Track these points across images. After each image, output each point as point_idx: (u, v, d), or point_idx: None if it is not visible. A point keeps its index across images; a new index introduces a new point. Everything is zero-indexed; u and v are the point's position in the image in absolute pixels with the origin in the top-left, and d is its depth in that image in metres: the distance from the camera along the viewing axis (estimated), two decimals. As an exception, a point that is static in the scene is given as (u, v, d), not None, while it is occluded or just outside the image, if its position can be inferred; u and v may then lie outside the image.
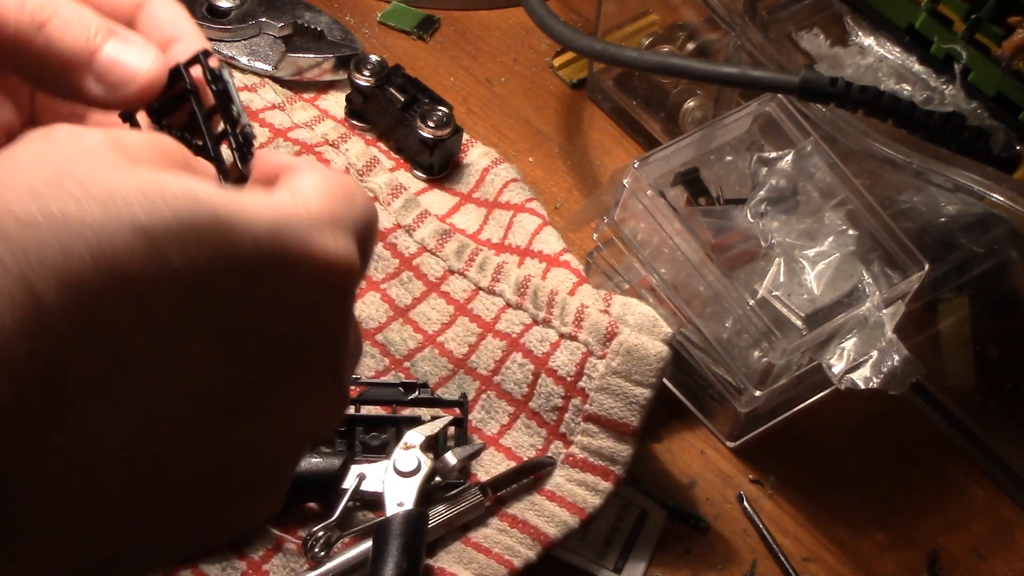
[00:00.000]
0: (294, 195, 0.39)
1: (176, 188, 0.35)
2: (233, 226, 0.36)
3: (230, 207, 0.36)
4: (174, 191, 0.35)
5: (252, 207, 0.37)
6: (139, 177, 0.35)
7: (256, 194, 0.38)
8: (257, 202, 0.37)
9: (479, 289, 0.73)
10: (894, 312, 0.68)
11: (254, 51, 0.83)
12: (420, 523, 0.64)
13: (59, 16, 0.43)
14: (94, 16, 0.44)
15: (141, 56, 0.44)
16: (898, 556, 0.71)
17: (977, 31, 0.65)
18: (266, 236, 0.37)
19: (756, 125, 0.73)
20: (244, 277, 0.37)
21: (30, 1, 0.43)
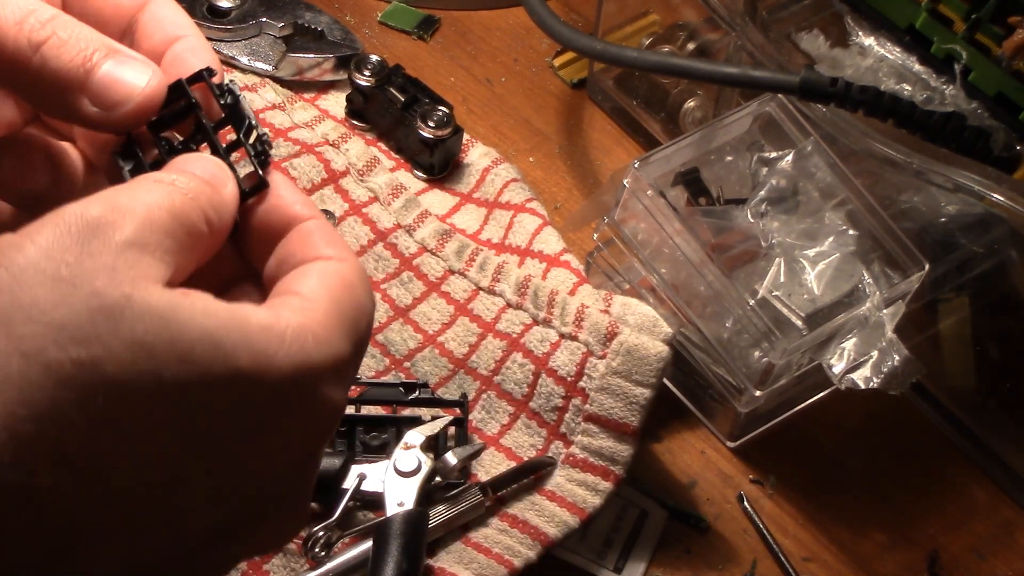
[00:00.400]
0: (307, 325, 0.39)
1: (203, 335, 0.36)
2: (248, 381, 0.36)
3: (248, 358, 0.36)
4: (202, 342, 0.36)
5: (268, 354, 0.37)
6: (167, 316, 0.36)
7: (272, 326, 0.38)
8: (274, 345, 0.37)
9: (479, 289, 0.73)
10: (894, 312, 0.68)
11: (254, 51, 0.83)
12: (420, 523, 0.64)
13: (56, 36, 0.43)
14: (92, 35, 0.44)
15: (137, 75, 0.44)
16: (898, 556, 0.71)
17: (977, 31, 0.65)
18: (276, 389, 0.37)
19: (756, 125, 0.73)
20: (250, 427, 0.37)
21: (28, 20, 0.43)
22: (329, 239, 0.43)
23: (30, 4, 0.43)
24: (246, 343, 0.37)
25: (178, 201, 0.40)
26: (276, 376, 0.37)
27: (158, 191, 0.40)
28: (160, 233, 0.38)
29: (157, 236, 0.38)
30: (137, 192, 0.39)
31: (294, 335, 0.38)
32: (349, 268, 0.42)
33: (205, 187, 0.42)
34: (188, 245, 0.40)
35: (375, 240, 0.76)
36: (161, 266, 0.38)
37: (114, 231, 0.37)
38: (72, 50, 0.43)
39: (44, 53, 0.43)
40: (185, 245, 0.39)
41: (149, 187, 0.40)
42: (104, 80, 0.43)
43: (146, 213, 0.38)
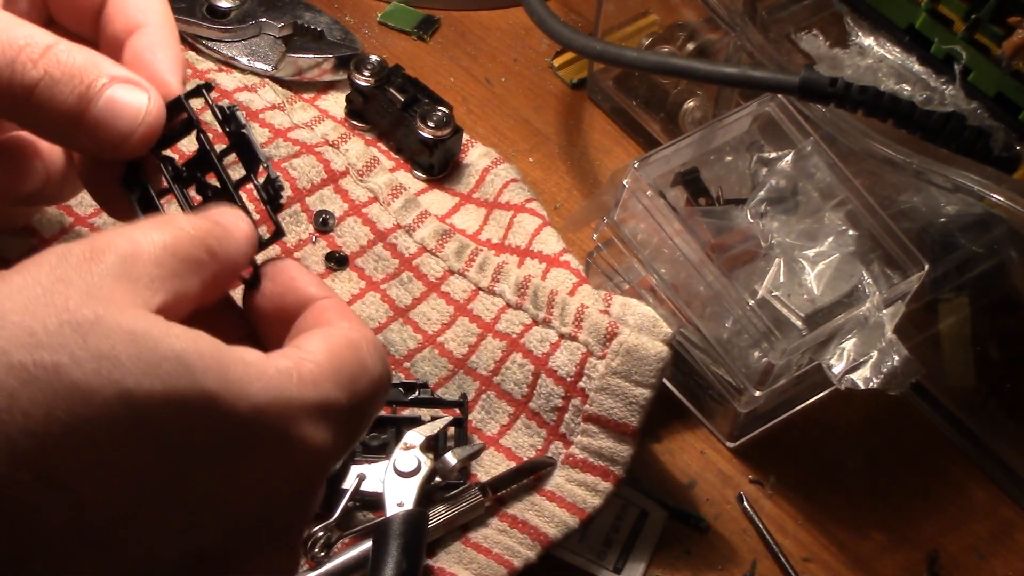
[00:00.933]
0: (294, 369, 0.38)
1: (170, 354, 0.35)
2: (217, 403, 0.36)
3: (219, 383, 0.36)
4: (167, 358, 0.35)
5: (243, 383, 0.37)
6: (138, 334, 0.35)
7: (254, 363, 0.37)
8: (250, 376, 0.37)
9: (479, 289, 0.73)
10: (894, 312, 0.68)
11: (254, 51, 0.83)
12: (420, 523, 0.64)
13: (48, 76, 0.42)
14: (87, 64, 0.43)
15: (135, 106, 0.43)
16: (898, 556, 0.71)
17: (977, 31, 0.65)
18: (248, 417, 0.37)
19: (756, 125, 0.73)
20: (220, 454, 0.37)
21: (19, 59, 0.42)
22: (343, 313, 0.43)
23: (23, 37, 0.42)
24: (219, 369, 0.36)
25: (172, 234, 0.40)
26: (247, 405, 0.36)
27: (153, 227, 0.40)
28: (146, 263, 0.38)
29: (142, 266, 0.38)
30: (130, 231, 0.39)
31: (276, 373, 0.38)
32: (358, 332, 0.42)
33: (208, 222, 0.41)
34: (182, 272, 0.39)
35: (375, 240, 0.76)
36: (146, 293, 0.37)
37: (93, 264, 0.37)
38: (66, 89, 0.42)
39: (38, 96, 0.42)
40: (179, 272, 0.39)
41: (145, 225, 0.40)
42: (101, 116, 0.43)
43: (129, 247, 0.38)
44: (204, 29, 0.83)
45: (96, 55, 0.44)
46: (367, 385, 0.41)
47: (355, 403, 0.40)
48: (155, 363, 0.35)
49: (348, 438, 0.41)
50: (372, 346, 0.42)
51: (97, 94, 0.43)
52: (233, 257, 0.42)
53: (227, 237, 0.42)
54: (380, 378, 0.42)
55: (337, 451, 0.40)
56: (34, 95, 0.42)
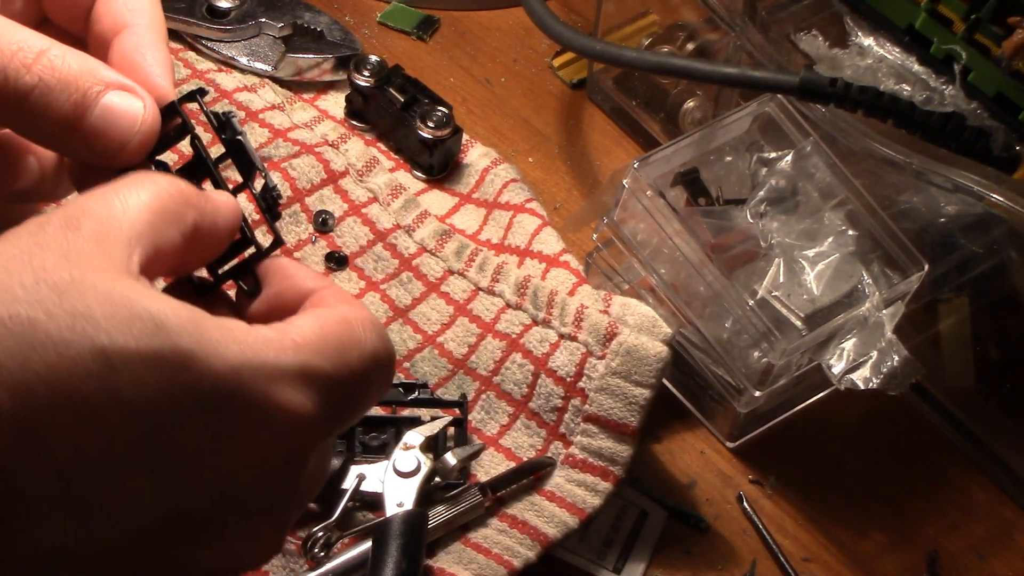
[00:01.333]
0: (276, 338, 0.38)
1: (145, 312, 0.36)
2: (192, 363, 0.36)
3: (193, 341, 0.36)
4: (141, 316, 0.35)
5: (218, 344, 0.36)
6: (113, 293, 0.36)
7: (233, 328, 0.37)
8: (227, 339, 0.37)
9: (479, 289, 0.73)
10: (894, 312, 0.68)
11: (254, 51, 0.83)
12: (420, 523, 0.64)
13: (42, 83, 0.42)
14: (82, 70, 0.43)
15: (130, 114, 0.43)
16: (898, 556, 0.71)
17: (977, 31, 0.65)
18: (224, 378, 0.36)
19: (756, 125, 0.73)
20: (196, 414, 0.36)
21: (12, 64, 0.42)
22: (342, 297, 0.42)
23: (16, 41, 0.42)
24: (195, 330, 0.36)
25: (150, 191, 0.40)
26: (223, 364, 0.36)
27: (129, 187, 0.40)
28: (125, 225, 0.38)
29: (120, 229, 0.38)
30: (105, 194, 0.39)
31: (256, 339, 0.38)
32: (353, 312, 0.41)
33: (189, 184, 0.41)
34: (162, 224, 0.39)
35: (374, 240, 0.76)
36: (124, 253, 0.38)
37: (69, 231, 0.37)
38: (61, 96, 0.42)
39: (32, 103, 0.42)
40: (158, 225, 0.39)
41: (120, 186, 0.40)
42: (97, 124, 0.43)
43: (106, 211, 0.38)
44: (204, 29, 0.83)
45: (91, 60, 0.43)
46: (358, 358, 0.40)
47: (343, 374, 0.40)
48: (129, 321, 0.35)
49: (338, 411, 0.40)
50: (367, 323, 0.41)
51: (93, 102, 0.43)
52: (216, 208, 0.42)
53: (207, 195, 0.42)
54: (375, 353, 0.41)
55: (324, 422, 0.39)
56: (28, 102, 0.42)
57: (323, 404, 0.39)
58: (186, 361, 0.36)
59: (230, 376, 0.37)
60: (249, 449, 0.38)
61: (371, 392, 0.42)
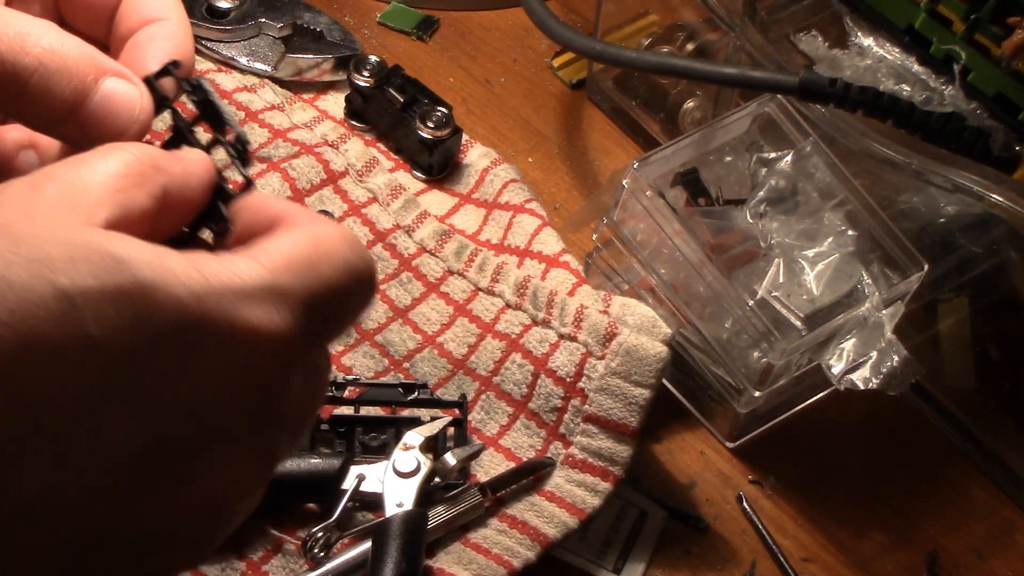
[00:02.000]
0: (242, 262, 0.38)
1: (101, 251, 0.35)
2: (154, 293, 0.36)
3: (154, 273, 0.36)
4: (101, 255, 0.35)
5: (179, 274, 0.36)
6: (72, 239, 0.36)
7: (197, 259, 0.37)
8: (190, 269, 0.37)
9: (478, 290, 0.73)
10: (894, 312, 0.68)
11: (254, 51, 0.83)
12: (420, 524, 0.64)
13: (43, 67, 0.42)
14: (79, 60, 0.43)
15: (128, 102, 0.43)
16: (898, 556, 0.71)
17: (977, 31, 0.65)
18: (187, 304, 0.36)
19: (756, 125, 0.73)
20: (164, 345, 0.36)
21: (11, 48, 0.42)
22: (312, 216, 0.42)
23: (18, 26, 0.42)
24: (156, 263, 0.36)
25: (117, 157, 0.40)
26: (186, 291, 0.36)
27: (99, 154, 0.40)
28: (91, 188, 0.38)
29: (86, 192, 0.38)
30: (75, 160, 0.39)
31: (218, 264, 0.37)
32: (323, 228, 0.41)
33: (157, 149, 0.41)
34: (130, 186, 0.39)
35: (374, 241, 0.76)
36: (89, 212, 0.38)
37: (33, 191, 0.38)
38: (62, 81, 0.43)
39: (33, 88, 0.42)
40: (125, 187, 0.39)
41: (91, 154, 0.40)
42: (97, 111, 0.43)
43: (73, 175, 0.38)
44: (204, 29, 0.83)
45: (89, 47, 0.44)
46: (331, 270, 0.40)
47: (315, 287, 0.39)
48: (88, 260, 0.35)
49: (315, 326, 0.40)
50: (339, 237, 0.40)
51: (93, 88, 0.43)
52: (187, 168, 0.42)
53: (176, 156, 0.42)
54: (350, 264, 0.40)
55: (301, 338, 0.39)
56: (29, 87, 0.42)
57: (297, 320, 0.39)
58: (148, 292, 0.36)
59: (194, 303, 0.36)
60: (223, 373, 0.38)
61: (349, 305, 0.41)
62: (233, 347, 0.37)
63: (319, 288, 0.39)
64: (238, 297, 0.37)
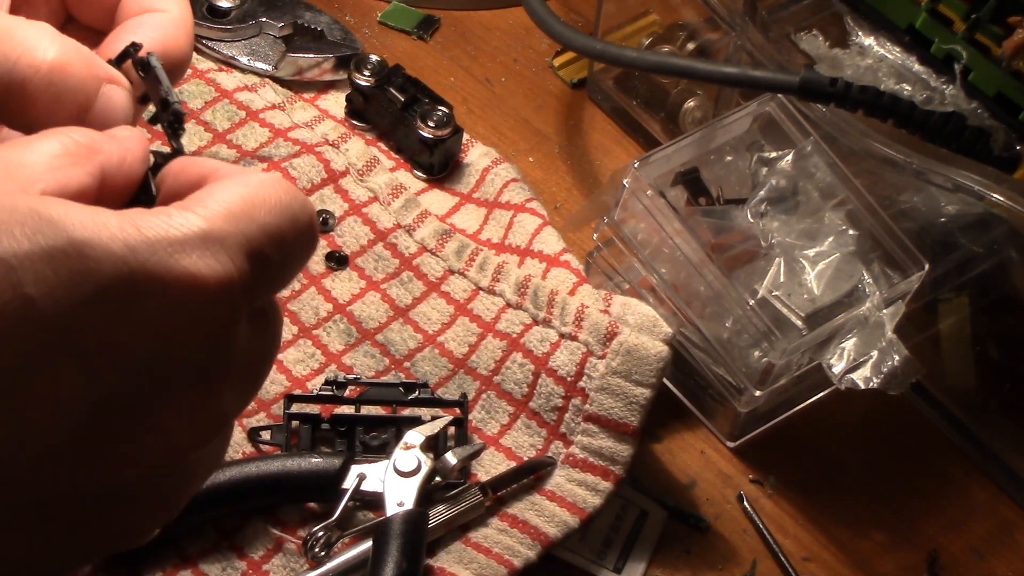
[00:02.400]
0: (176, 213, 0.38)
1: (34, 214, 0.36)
2: (88, 250, 0.36)
3: (88, 231, 0.36)
4: (32, 217, 0.35)
5: (113, 229, 0.36)
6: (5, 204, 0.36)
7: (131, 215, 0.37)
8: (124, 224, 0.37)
9: (479, 289, 0.73)
10: (894, 312, 0.68)
11: (254, 51, 0.83)
12: (420, 523, 0.64)
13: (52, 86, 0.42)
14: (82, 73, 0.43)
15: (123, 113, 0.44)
16: (898, 556, 0.71)
17: (977, 31, 0.65)
18: (123, 258, 0.36)
19: (756, 125, 0.73)
20: (103, 300, 0.36)
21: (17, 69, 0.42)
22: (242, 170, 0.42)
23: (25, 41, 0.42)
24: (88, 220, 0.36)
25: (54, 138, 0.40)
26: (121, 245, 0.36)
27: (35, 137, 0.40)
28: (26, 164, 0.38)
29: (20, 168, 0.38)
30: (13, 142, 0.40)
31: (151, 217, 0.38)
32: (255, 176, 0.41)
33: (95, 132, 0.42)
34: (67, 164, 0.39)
35: (375, 240, 0.76)
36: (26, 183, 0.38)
37: None
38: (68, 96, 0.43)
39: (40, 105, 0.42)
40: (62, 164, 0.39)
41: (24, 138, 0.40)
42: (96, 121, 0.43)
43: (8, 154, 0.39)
44: (204, 29, 0.83)
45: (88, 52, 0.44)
46: (267, 214, 0.40)
47: (252, 233, 0.39)
48: (20, 223, 0.35)
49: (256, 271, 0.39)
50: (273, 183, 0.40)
51: (94, 98, 0.43)
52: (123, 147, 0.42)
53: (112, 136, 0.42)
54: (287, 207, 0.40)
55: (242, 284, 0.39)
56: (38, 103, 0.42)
57: (237, 266, 0.39)
58: (82, 249, 0.36)
59: (128, 255, 0.36)
60: (165, 323, 0.38)
61: (291, 250, 0.41)
62: (173, 297, 0.37)
63: (256, 233, 0.39)
64: (174, 247, 0.37)
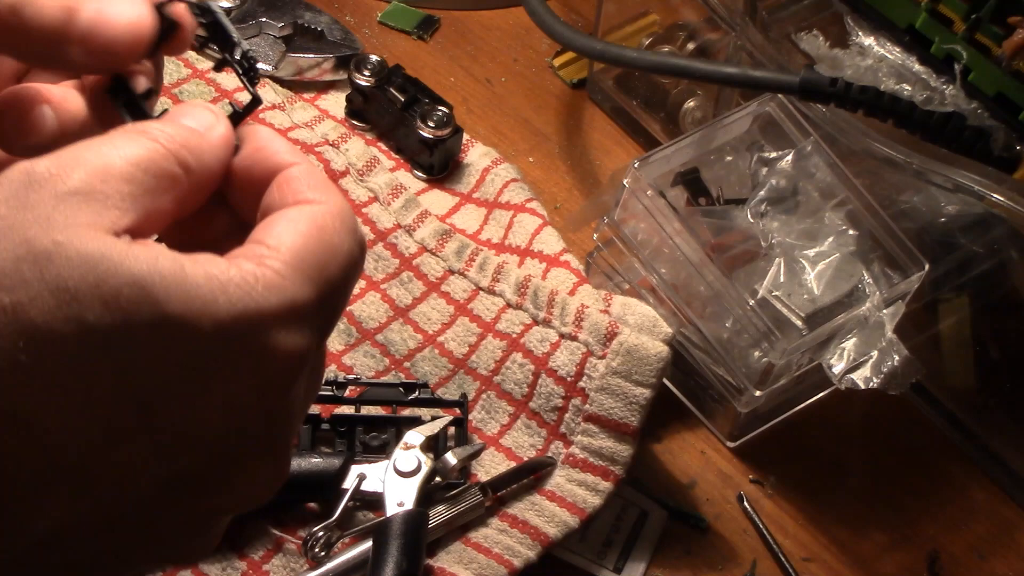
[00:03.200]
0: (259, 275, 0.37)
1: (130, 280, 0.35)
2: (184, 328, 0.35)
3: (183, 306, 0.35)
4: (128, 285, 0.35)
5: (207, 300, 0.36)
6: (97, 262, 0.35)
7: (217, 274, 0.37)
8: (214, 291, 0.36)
9: (479, 289, 0.73)
10: (894, 312, 0.68)
11: (254, 51, 0.83)
12: (420, 523, 0.64)
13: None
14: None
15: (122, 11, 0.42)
16: (898, 556, 0.71)
17: (977, 31, 0.65)
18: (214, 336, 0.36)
19: (756, 125, 0.73)
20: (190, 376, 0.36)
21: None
22: (312, 182, 0.41)
23: None
24: (181, 290, 0.36)
25: (145, 148, 0.39)
26: (212, 323, 0.36)
27: (124, 139, 0.39)
28: (116, 180, 0.37)
29: (111, 184, 0.37)
30: (100, 144, 0.38)
31: (240, 282, 0.37)
32: (324, 209, 0.40)
33: (183, 131, 0.40)
34: (155, 189, 0.38)
35: (375, 240, 0.76)
36: (114, 213, 0.37)
37: (57, 182, 0.36)
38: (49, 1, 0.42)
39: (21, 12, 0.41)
40: (151, 189, 0.38)
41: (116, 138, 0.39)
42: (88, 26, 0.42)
43: (98, 162, 0.37)
44: (204, 29, 0.83)
45: None
46: (337, 270, 0.40)
47: (326, 293, 0.39)
48: (115, 292, 0.35)
49: (323, 330, 0.40)
50: (341, 222, 0.40)
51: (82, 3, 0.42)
52: (210, 166, 0.41)
53: (203, 145, 0.41)
54: (351, 256, 0.40)
55: (312, 346, 0.39)
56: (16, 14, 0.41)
57: (311, 332, 0.39)
58: (175, 328, 0.35)
59: (219, 334, 0.36)
60: (245, 399, 0.38)
61: (348, 293, 0.41)
62: (255, 373, 0.37)
63: (329, 292, 0.39)
64: (264, 324, 0.37)
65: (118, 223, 0.37)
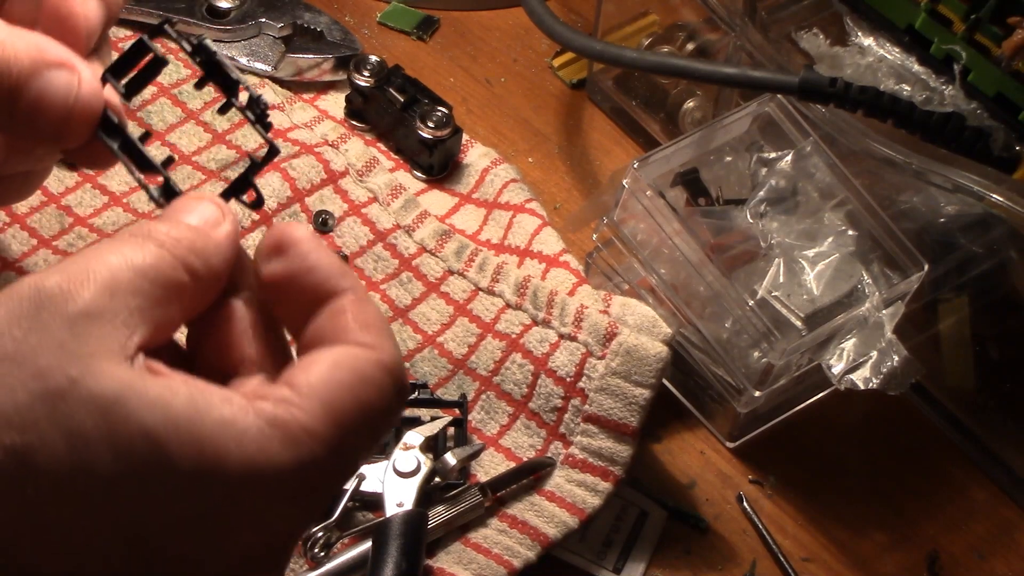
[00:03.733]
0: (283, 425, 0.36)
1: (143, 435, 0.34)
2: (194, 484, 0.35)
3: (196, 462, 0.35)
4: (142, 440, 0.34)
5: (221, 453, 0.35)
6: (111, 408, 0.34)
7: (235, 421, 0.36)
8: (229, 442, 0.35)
9: (479, 289, 0.73)
10: (894, 312, 0.68)
11: (254, 51, 0.83)
12: (420, 524, 0.64)
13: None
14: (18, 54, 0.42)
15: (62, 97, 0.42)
16: (898, 556, 0.71)
17: (977, 31, 0.65)
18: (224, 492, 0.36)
19: (756, 125, 0.73)
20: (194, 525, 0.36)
21: None
22: (363, 320, 0.39)
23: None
24: (194, 443, 0.35)
25: (152, 256, 0.38)
26: (221, 479, 0.35)
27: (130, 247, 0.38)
28: (124, 295, 0.36)
29: (119, 299, 0.36)
30: (107, 254, 0.37)
31: (257, 434, 0.36)
32: (370, 361, 0.38)
33: (188, 232, 0.39)
34: (163, 299, 0.37)
35: (374, 240, 0.76)
36: (123, 332, 0.36)
37: (67, 301, 0.36)
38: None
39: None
40: (159, 300, 0.37)
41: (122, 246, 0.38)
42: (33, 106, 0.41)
43: (106, 275, 0.36)
44: (204, 29, 0.83)
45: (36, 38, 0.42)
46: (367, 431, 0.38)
47: (344, 454, 0.38)
48: (127, 443, 0.34)
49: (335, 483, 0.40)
50: (384, 373, 0.38)
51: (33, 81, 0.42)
52: (216, 269, 0.40)
53: (208, 247, 0.40)
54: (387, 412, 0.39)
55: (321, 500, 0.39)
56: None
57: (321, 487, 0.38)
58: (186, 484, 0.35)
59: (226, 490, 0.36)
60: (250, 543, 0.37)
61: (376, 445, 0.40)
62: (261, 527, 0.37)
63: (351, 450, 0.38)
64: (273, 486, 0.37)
65: (129, 344, 0.36)
